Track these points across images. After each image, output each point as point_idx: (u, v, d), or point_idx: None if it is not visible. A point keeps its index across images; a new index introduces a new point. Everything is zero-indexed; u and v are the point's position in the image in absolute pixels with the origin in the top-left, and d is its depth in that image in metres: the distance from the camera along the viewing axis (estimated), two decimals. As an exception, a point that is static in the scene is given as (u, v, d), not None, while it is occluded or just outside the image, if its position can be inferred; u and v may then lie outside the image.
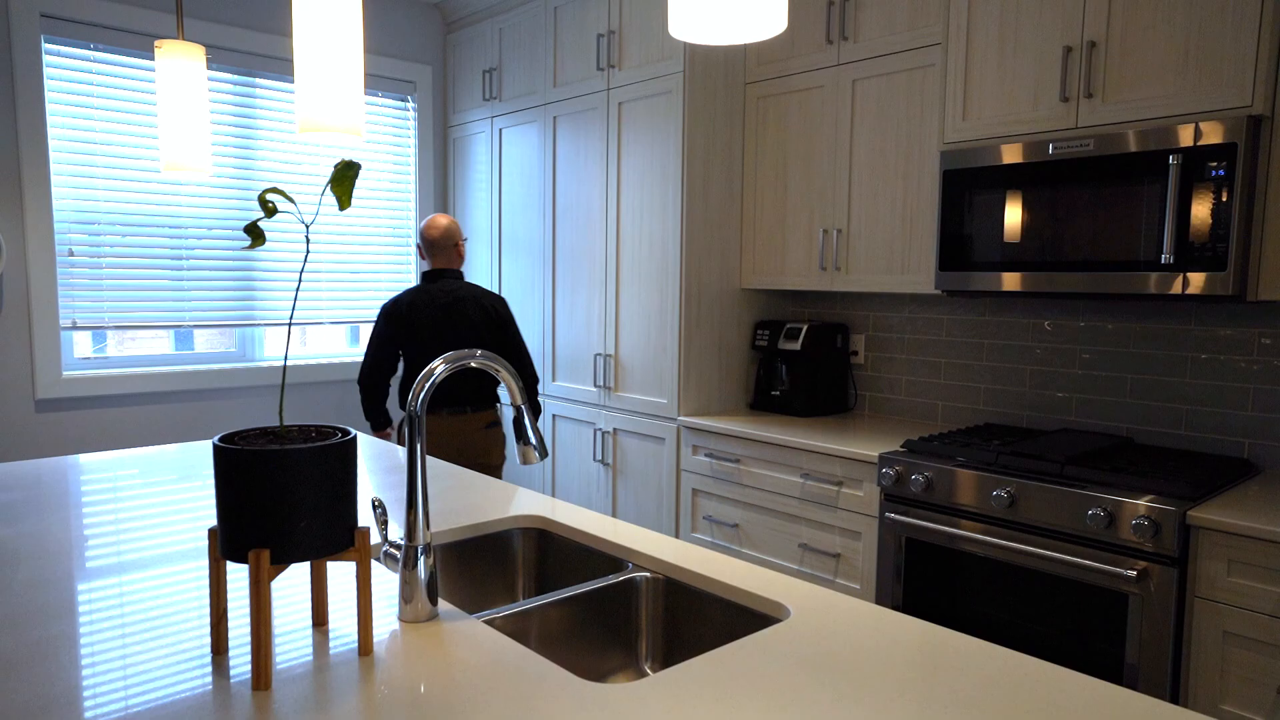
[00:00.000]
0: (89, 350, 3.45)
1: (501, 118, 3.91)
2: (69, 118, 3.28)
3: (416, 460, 1.27)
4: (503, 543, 1.83)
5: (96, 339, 3.51)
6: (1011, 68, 2.44)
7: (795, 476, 2.77)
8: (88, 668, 1.09)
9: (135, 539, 1.62)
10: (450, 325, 3.04)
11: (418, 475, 1.27)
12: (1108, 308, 2.62)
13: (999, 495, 2.20)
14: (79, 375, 3.35)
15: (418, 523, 1.27)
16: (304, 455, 1.07)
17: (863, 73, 2.85)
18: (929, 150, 2.69)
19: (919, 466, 2.40)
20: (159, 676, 1.08)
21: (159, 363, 3.61)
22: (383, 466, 2.27)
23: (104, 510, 1.81)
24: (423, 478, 1.27)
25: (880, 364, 3.23)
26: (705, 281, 3.19)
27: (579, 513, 1.85)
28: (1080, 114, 2.28)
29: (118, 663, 1.11)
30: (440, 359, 1.29)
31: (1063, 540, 2.13)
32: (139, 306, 3.50)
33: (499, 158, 3.98)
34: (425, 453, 1.29)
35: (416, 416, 1.27)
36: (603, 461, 3.50)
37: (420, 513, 1.27)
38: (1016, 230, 2.40)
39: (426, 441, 3.48)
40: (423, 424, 1.28)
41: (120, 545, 1.58)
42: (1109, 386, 2.62)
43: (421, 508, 1.27)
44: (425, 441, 1.30)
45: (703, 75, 3.10)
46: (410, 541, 1.26)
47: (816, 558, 2.73)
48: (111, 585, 1.38)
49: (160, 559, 1.51)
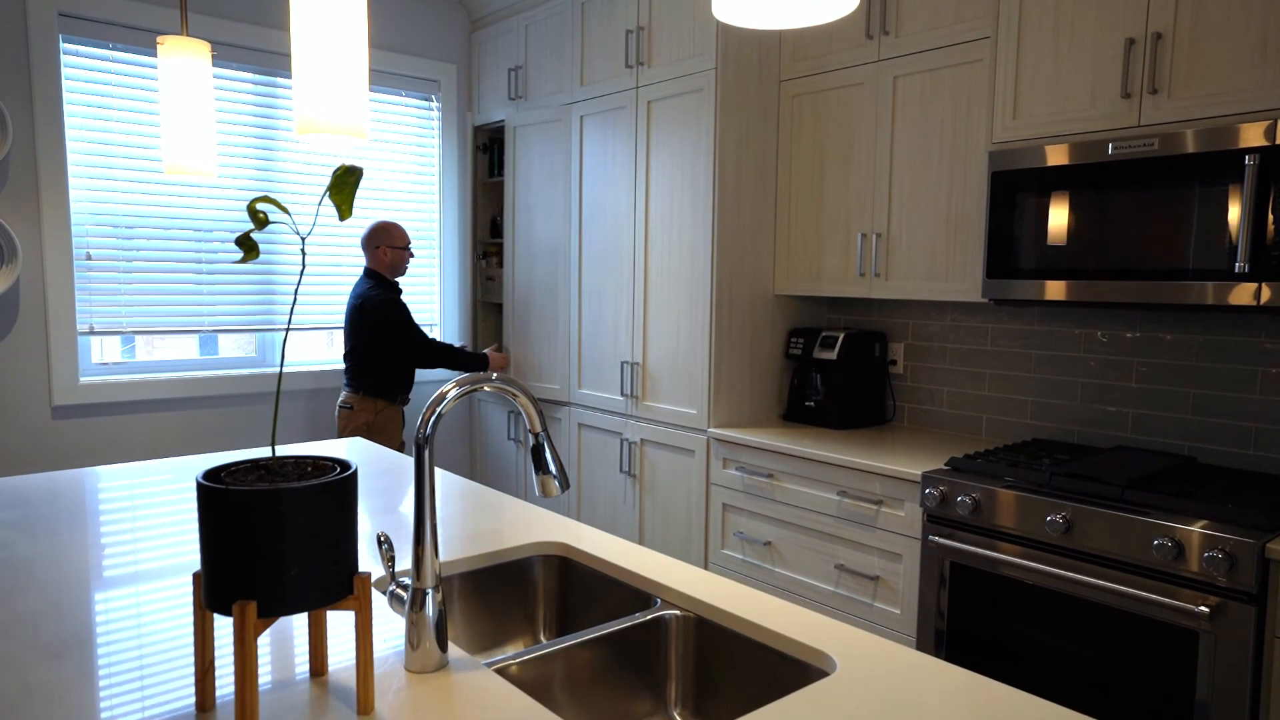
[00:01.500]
0: (117, 354, 3.39)
1: (523, 115, 3.80)
2: (87, 118, 3.22)
3: (425, 491, 1.16)
4: (522, 571, 1.71)
5: (125, 343, 3.46)
6: (1067, 62, 2.28)
7: (831, 494, 2.64)
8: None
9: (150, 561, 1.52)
10: (347, 324, 3.53)
11: (426, 508, 1.16)
12: (1165, 318, 2.46)
13: (1054, 520, 2.05)
14: (96, 382, 3.29)
15: (425, 561, 1.16)
16: (298, 496, 0.96)
17: (905, 69, 2.70)
18: (976, 151, 2.54)
19: (965, 487, 2.26)
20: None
21: (177, 368, 3.55)
22: (390, 485, 2.16)
23: (119, 530, 1.72)
24: (431, 510, 1.16)
25: (920, 374, 3.08)
26: (737, 287, 3.06)
27: (602, 539, 1.73)
28: (1143, 111, 2.12)
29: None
30: (454, 383, 1.17)
31: (1124, 571, 1.97)
32: (159, 311, 3.44)
33: (518, 159, 3.87)
34: (434, 484, 1.18)
35: (426, 443, 1.15)
36: (629, 473, 3.38)
37: (429, 549, 1.16)
38: (1071, 236, 2.24)
39: (395, 435, 3.57)
40: (432, 451, 1.16)
41: (135, 568, 1.49)
42: (1168, 401, 2.45)
43: (430, 543, 1.16)
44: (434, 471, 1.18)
45: (735, 72, 2.97)
46: (418, 583, 1.15)
47: (854, 580, 2.59)
48: (125, 616, 1.28)
49: (163, 595, 1.41)
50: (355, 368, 3.49)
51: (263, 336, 3.78)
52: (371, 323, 3.43)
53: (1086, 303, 2.24)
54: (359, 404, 3.49)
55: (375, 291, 3.47)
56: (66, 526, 1.75)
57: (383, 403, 3.51)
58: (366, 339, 3.46)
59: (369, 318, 3.44)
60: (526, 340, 3.88)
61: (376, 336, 3.44)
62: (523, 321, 3.90)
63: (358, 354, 3.49)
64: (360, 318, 3.46)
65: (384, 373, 3.50)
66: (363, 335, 3.46)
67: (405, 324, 3.47)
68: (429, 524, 1.16)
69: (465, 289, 4.35)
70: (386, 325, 3.44)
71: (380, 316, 3.44)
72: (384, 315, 3.44)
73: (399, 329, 3.46)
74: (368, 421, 3.48)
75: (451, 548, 1.66)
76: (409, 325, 3.48)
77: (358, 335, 3.48)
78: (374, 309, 3.44)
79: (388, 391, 3.52)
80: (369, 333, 3.45)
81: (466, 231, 4.32)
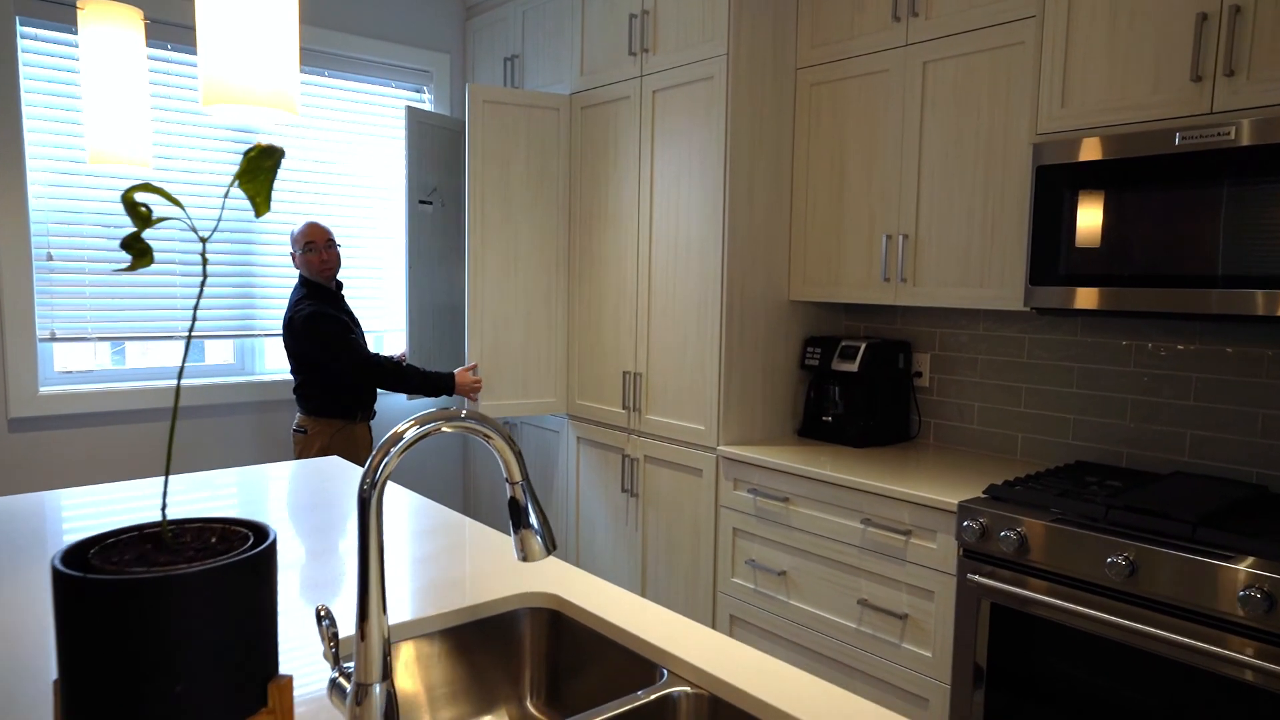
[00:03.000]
0: (87, 362, 3.16)
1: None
2: (48, 108, 2.99)
3: (370, 559, 0.91)
4: (507, 626, 1.47)
5: (114, 349, 3.25)
6: (1125, 43, 2.03)
7: (854, 521, 2.39)
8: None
9: (42, 626, 1.28)
10: (283, 341, 3.18)
11: (371, 581, 0.91)
12: (1226, 329, 2.21)
13: (1115, 562, 1.80)
14: (58, 392, 3.06)
15: (371, 647, 0.91)
16: (191, 585, 0.72)
17: (936, 54, 2.46)
18: (1016, 143, 2.30)
19: (1008, 520, 2.01)
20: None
21: (148, 377, 3.31)
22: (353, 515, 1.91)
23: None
24: (379, 583, 0.92)
25: (948, 387, 2.83)
26: (749, 292, 2.82)
27: (600, 589, 1.48)
28: (1217, 96, 1.88)
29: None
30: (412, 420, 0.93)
31: (1201, 624, 1.72)
32: (129, 316, 3.20)
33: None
34: (382, 544, 0.94)
35: (371, 498, 0.91)
36: (630, 492, 3.14)
37: (375, 633, 0.92)
38: (1129, 238, 2.00)
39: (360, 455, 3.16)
40: (380, 508, 0.92)
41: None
42: (1232, 422, 2.21)
43: (377, 624, 0.92)
44: (381, 533, 0.94)
45: (749, 59, 2.73)
46: (361, 676, 0.91)
47: (879, 617, 2.34)
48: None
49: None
50: (299, 387, 3.14)
51: (241, 343, 3.55)
52: (301, 338, 3.03)
53: (1142, 313, 1.99)
54: (312, 427, 3.13)
55: (304, 304, 3.05)
56: (24, 564, 1.51)
57: (339, 422, 3.15)
58: (300, 356, 3.10)
59: (297, 333, 3.04)
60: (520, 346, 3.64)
61: (309, 353, 3.06)
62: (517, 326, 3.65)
63: (298, 372, 3.13)
64: (289, 334, 3.08)
65: (332, 390, 3.12)
66: (295, 352, 3.11)
67: (336, 338, 3.01)
68: (375, 600, 0.91)
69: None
70: (313, 340, 3.01)
71: (306, 330, 3.01)
72: (310, 328, 3.00)
73: (329, 344, 3.01)
74: (323, 446, 3.13)
75: (425, 600, 1.42)
76: (340, 340, 3.01)
77: (290, 353, 3.13)
78: (301, 323, 3.02)
79: (342, 410, 3.15)
80: (301, 349, 3.07)
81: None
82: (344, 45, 3.62)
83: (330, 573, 1.56)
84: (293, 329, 3.05)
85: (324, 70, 3.60)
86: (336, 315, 3.06)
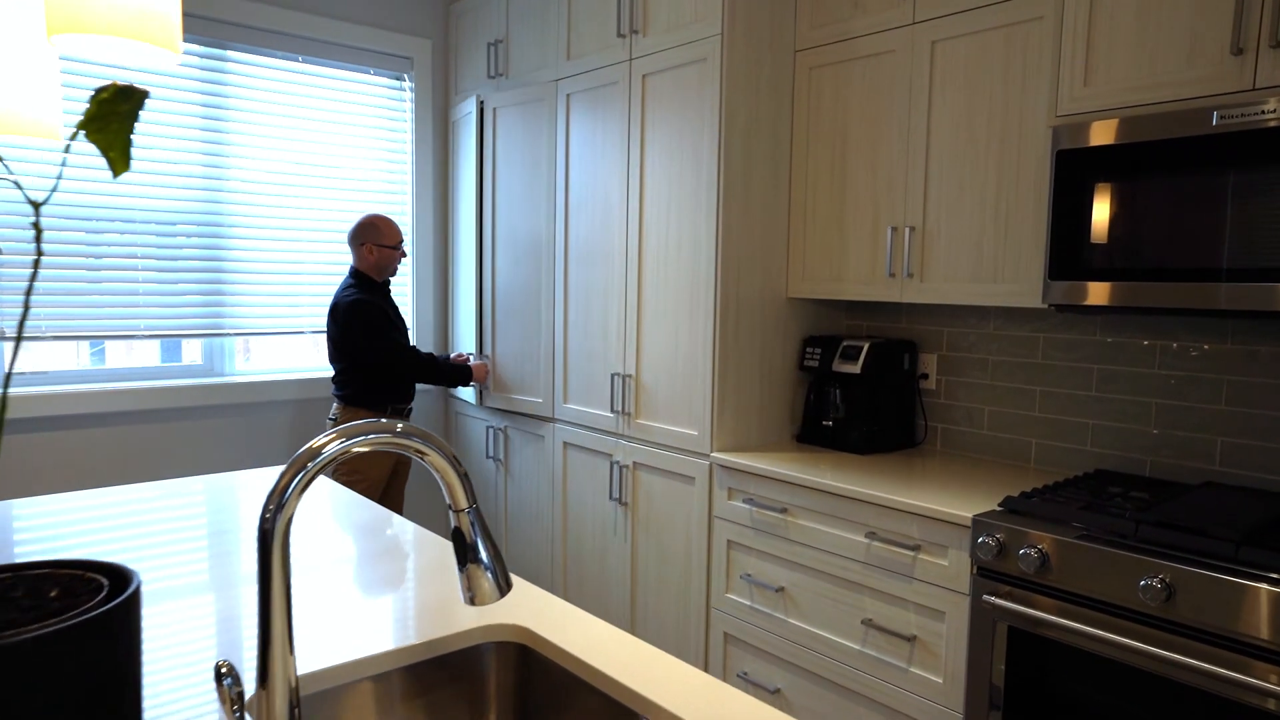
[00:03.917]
0: (40, 362, 2.98)
1: (503, 95, 3.38)
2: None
3: (273, 605, 0.74)
4: (470, 663, 1.29)
5: (94, 347, 3.09)
6: (1156, 13, 1.86)
7: (858, 535, 2.22)
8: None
9: None
10: (326, 328, 3.21)
11: (274, 634, 0.74)
12: (1261, 327, 2.04)
13: (1149, 585, 1.63)
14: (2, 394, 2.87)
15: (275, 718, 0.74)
16: (23, 655, 0.54)
17: (945, 31, 2.29)
18: (1034, 127, 2.13)
19: (1027, 536, 1.83)
20: None
21: (109, 379, 3.13)
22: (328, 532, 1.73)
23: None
24: (284, 634, 0.74)
25: (956, 390, 2.66)
26: (745, 289, 2.64)
27: (574, 621, 1.31)
28: (1260, 71, 1.70)
29: None
30: (334, 434, 0.76)
31: (1245, 655, 1.55)
32: (79, 314, 3.01)
33: (495, 143, 3.45)
34: (289, 588, 0.76)
35: (273, 528, 0.74)
36: (620, 500, 2.96)
37: (280, 698, 0.74)
38: (1159, 228, 1.83)
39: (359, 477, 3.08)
40: (286, 544, 0.75)
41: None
42: (1268, 428, 2.04)
43: (282, 688, 0.74)
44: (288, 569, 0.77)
45: (744, 40, 2.55)
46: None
47: (885, 639, 2.17)
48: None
49: None
50: (337, 375, 3.15)
51: (210, 344, 3.36)
52: (340, 325, 3.07)
53: (1175, 309, 1.82)
54: (343, 417, 3.13)
55: (351, 292, 3.09)
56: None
57: (367, 414, 3.12)
58: (339, 342, 3.11)
59: (339, 320, 3.08)
60: (506, 347, 3.46)
61: (348, 338, 3.08)
62: (502, 326, 3.48)
63: (336, 360, 3.13)
64: (332, 320, 3.11)
65: (365, 380, 3.11)
66: (335, 337, 3.11)
67: (375, 328, 3.05)
68: (279, 659, 0.74)
69: (438, 288, 3.93)
70: (351, 329, 3.05)
71: (348, 319, 3.05)
72: (351, 317, 3.05)
73: (366, 333, 3.04)
74: None
75: (379, 632, 1.24)
76: (379, 330, 3.05)
77: (331, 339, 3.14)
78: (344, 310, 3.06)
79: (372, 402, 3.12)
80: (341, 334, 3.09)
81: (441, 227, 3.90)
82: (317, 29, 3.43)
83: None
84: (336, 314, 3.09)
85: (297, 55, 3.42)
86: (381, 305, 3.10)
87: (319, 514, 1.87)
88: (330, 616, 1.32)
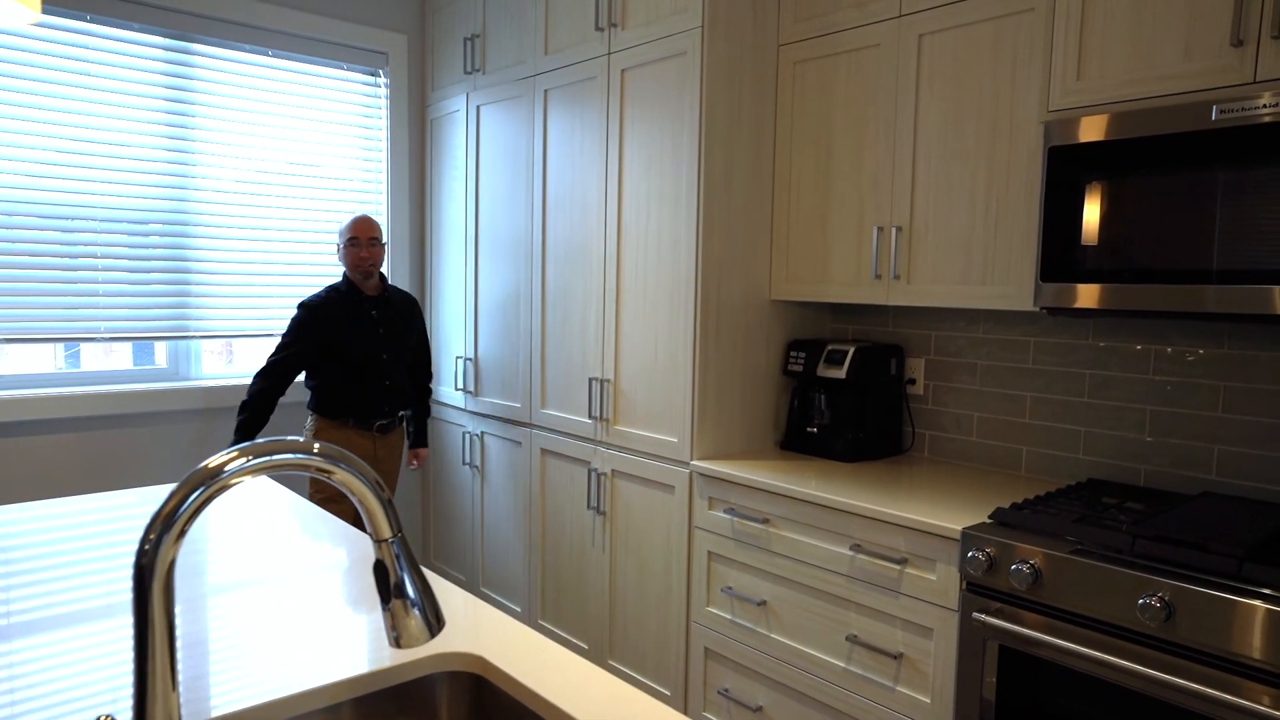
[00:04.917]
0: (62, 364, 2.88)
1: (481, 92, 3.28)
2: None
3: (153, 658, 0.64)
4: (420, 696, 1.19)
5: (68, 349, 2.98)
6: (1152, 5, 1.78)
7: (842, 547, 2.13)
8: None
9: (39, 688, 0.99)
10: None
11: (155, 690, 0.64)
12: (1261, 331, 1.96)
13: (1148, 604, 1.55)
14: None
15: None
16: None
17: (933, 24, 2.20)
18: (1025, 123, 2.04)
19: (1019, 551, 1.75)
20: None
21: (69, 383, 3.01)
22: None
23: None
24: (165, 691, 0.64)
25: (944, 395, 2.58)
26: (726, 291, 2.55)
27: (534, 650, 1.21)
28: (1262, 63, 1.62)
29: None
30: (236, 451, 0.66)
31: (1249, 679, 1.47)
32: (35, 315, 2.89)
33: (476, 141, 3.35)
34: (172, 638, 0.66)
35: (153, 563, 0.64)
36: (598, 509, 2.86)
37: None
38: (1155, 227, 1.74)
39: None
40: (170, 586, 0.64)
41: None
42: (1267, 437, 1.96)
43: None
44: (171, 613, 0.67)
45: (725, 34, 2.46)
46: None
47: (870, 656, 2.08)
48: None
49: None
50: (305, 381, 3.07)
51: (175, 347, 3.25)
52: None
53: (1171, 313, 1.74)
54: (311, 424, 3.02)
55: (316, 294, 2.98)
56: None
57: (326, 422, 2.97)
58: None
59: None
60: (487, 349, 3.36)
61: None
62: (484, 327, 3.38)
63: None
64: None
65: (321, 383, 2.96)
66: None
67: (287, 332, 2.92)
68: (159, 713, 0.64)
69: (414, 288, 3.83)
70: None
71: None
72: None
73: (284, 334, 2.94)
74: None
75: (316, 662, 1.14)
76: (286, 334, 2.92)
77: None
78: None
79: (332, 409, 2.96)
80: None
81: (418, 227, 3.79)
82: (288, 22, 3.33)
83: (194, 636, 1.28)
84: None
85: (267, 49, 3.31)
86: (319, 314, 2.90)
87: (265, 522, 1.76)
88: (269, 640, 1.22)
